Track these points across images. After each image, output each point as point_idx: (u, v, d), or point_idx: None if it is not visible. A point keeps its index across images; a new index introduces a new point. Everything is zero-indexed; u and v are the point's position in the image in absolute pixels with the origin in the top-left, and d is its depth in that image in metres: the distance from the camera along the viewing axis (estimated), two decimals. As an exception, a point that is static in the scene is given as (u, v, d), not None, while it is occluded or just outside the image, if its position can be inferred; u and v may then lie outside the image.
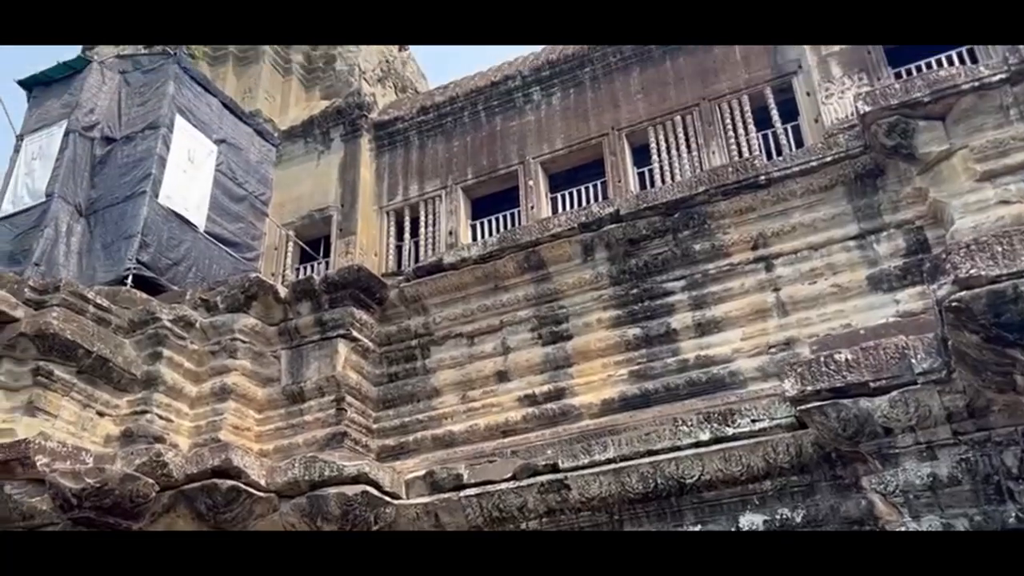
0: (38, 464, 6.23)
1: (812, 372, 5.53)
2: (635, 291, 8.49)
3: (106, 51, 14.12)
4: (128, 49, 13.89)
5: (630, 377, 8.15)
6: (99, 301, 8.94)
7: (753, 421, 6.02)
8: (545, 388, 8.42)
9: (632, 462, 6.13)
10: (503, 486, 6.47)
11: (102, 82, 11.98)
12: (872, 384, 5.39)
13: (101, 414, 8.51)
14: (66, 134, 11.46)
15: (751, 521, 5.91)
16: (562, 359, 8.52)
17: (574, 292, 8.75)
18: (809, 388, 5.51)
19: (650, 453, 6.14)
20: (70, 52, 13.27)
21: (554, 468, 6.37)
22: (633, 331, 8.32)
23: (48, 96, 12.16)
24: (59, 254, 10.50)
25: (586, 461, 6.28)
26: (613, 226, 8.64)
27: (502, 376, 8.77)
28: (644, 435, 6.24)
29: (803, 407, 5.59)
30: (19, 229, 11.09)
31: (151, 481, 6.27)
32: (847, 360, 5.48)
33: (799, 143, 10.79)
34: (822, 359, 5.56)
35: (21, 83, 12.35)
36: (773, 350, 7.76)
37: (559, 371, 8.51)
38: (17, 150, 11.99)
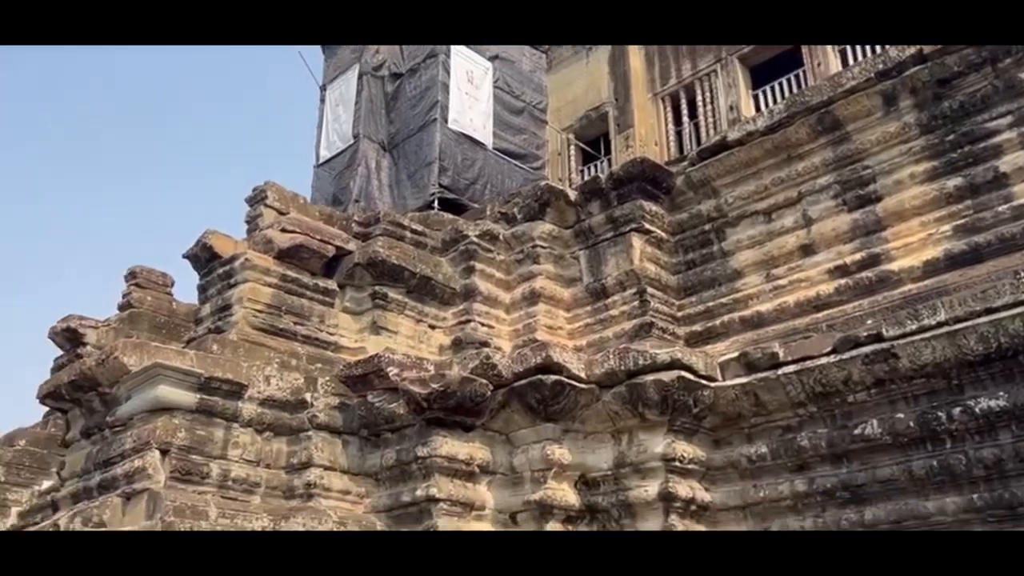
0: (391, 375, 7.04)
1: None
2: (951, 137, 7.66)
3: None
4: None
5: (955, 233, 7.44)
6: (414, 227, 9.82)
7: (1115, 263, 5.27)
8: (857, 256, 7.95)
9: (968, 323, 5.64)
10: (823, 360, 6.22)
11: (381, 22, 12.80)
12: None
13: (432, 327, 9.44)
14: (359, 77, 12.48)
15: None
16: (873, 223, 7.97)
17: (878, 149, 8.08)
18: None
19: (988, 311, 5.60)
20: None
21: (878, 337, 6.00)
22: (953, 182, 7.54)
23: (338, 46, 13.23)
24: (373, 188, 11.61)
25: (914, 327, 5.85)
26: (917, 68, 7.81)
27: (807, 250, 8.40)
28: (980, 293, 5.69)
29: None
30: (336, 171, 12.40)
31: (485, 381, 6.83)
32: None
33: None
34: None
35: (315, 39, 13.50)
36: None
37: (870, 236, 7.97)
38: (323, 100, 13.28)
